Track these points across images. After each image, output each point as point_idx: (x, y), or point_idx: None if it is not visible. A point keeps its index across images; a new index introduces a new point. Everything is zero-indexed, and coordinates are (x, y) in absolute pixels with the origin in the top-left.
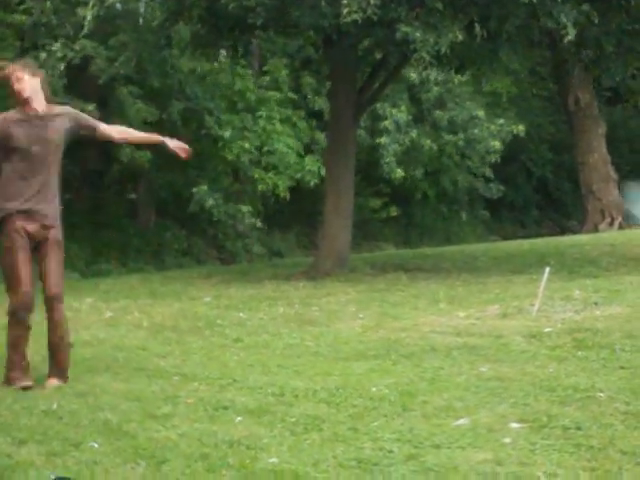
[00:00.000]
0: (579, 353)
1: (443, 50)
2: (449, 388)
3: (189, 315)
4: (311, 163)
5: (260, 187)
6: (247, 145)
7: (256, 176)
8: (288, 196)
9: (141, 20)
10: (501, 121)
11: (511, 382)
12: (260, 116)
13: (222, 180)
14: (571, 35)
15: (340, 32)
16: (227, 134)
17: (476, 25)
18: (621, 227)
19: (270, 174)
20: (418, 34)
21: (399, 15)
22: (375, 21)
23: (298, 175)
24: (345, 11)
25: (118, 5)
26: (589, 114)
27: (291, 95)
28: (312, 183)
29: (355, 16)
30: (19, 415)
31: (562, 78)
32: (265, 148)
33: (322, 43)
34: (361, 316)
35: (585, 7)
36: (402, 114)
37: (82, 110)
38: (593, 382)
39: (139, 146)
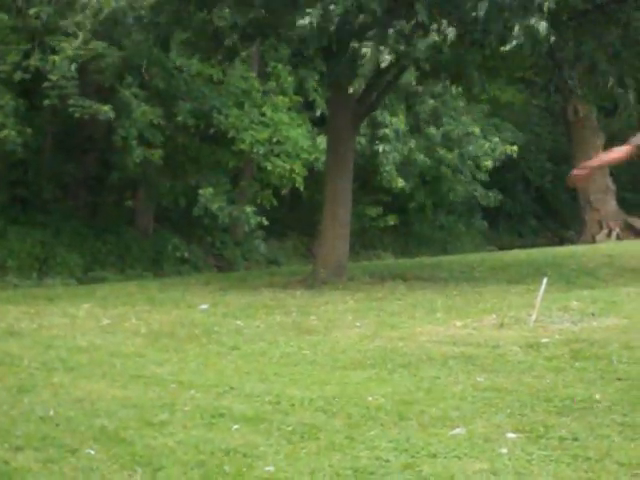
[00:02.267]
0: (576, 364)
1: (384, 64)
2: (445, 398)
3: (186, 322)
4: (324, 142)
5: (277, 171)
6: (258, 136)
7: (269, 167)
8: (302, 186)
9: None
10: (496, 139)
11: (508, 392)
12: (265, 112)
13: (224, 184)
14: (509, 46)
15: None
16: (241, 123)
17: (449, 29)
18: (619, 238)
19: (284, 158)
20: (366, 50)
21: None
22: (334, 32)
23: (312, 157)
24: (300, 19)
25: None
26: (588, 125)
27: (296, 98)
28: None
29: (304, 22)
30: (16, 421)
31: (558, 90)
32: (275, 139)
33: (321, 52)
34: (358, 325)
35: (541, 23)
36: (401, 123)
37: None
38: (590, 393)
39: (151, 144)
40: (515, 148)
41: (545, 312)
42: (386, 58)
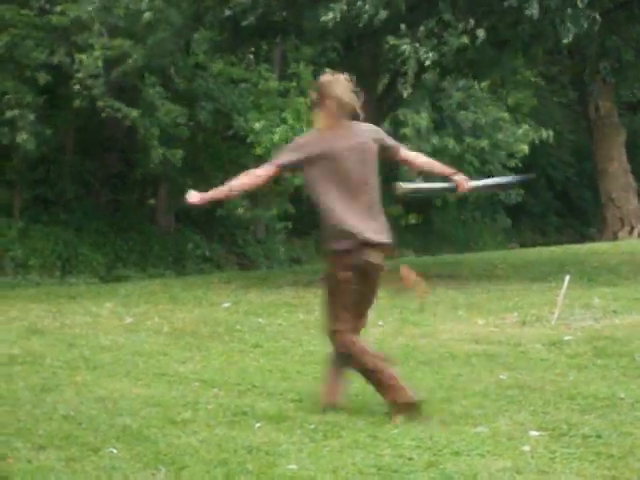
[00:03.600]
0: (599, 361)
1: (428, 63)
2: (468, 395)
3: (209, 321)
4: None
5: (297, 181)
6: (277, 138)
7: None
8: None
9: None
10: (526, 126)
11: (530, 390)
12: (285, 118)
13: None
14: (567, 39)
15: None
16: (258, 125)
17: (478, 30)
18: None
19: None
20: (405, 47)
21: (390, 24)
22: (363, 27)
23: None
24: (328, 13)
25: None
26: (609, 122)
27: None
28: None
29: (330, 16)
30: (39, 420)
31: (582, 86)
32: None
33: (342, 49)
34: (381, 323)
35: (594, 15)
36: (423, 120)
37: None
38: (613, 390)
39: (172, 144)
40: (551, 132)
41: (567, 310)
42: (429, 56)
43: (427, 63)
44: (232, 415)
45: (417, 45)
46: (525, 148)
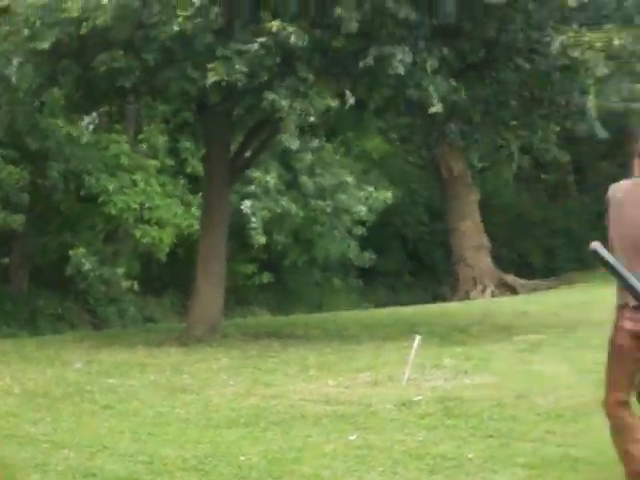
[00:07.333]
0: (448, 421)
1: (312, 119)
2: (317, 456)
3: (61, 381)
4: (197, 212)
5: (145, 240)
6: (130, 202)
7: (138, 235)
8: (165, 257)
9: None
10: (370, 188)
11: (380, 450)
12: (136, 180)
13: (97, 243)
14: (437, 108)
15: (208, 98)
16: (111, 187)
17: (347, 93)
18: (493, 295)
19: (155, 228)
20: (284, 102)
21: (262, 82)
22: (240, 88)
23: (185, 223)
24: (210, 74)
25: None
26: (462, 182)
27: (168, 162)
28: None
29: (216, 77)
30: None
31: (434, 147)
32: (147, 205)
33: (196, 108)
34: (232, 383)
35: (452, 82)
36: (272, 179)
37: None
38: (462, 451)
39: (15, 208)
40: (389, 195)
41: (418, 370)
42: (312, 112)
43: (312, 119)
44: (81, 477)
45: (291, 102)
46: (363, 209)
